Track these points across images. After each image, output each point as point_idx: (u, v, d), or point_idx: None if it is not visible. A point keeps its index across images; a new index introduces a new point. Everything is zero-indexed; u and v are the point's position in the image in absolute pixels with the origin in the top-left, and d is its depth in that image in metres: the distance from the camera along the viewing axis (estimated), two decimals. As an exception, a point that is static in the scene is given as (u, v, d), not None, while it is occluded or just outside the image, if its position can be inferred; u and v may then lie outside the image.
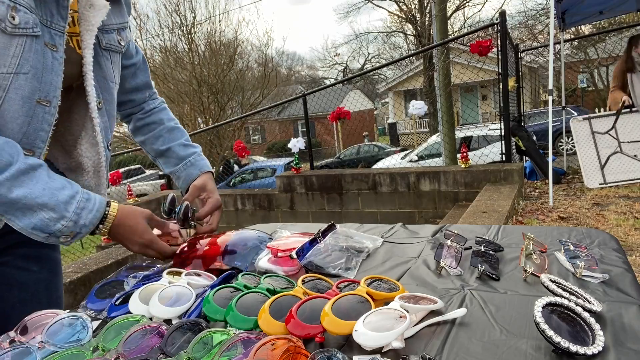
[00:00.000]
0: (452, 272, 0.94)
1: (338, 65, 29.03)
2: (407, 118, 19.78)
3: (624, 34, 12.78)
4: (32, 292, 0.98)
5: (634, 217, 3.60)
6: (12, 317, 0.85)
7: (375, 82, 27.55)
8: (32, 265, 0.98)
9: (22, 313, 0.84)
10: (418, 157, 10.17)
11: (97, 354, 0.69)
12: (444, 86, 7.52)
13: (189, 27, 15.33)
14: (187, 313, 0.82)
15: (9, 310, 0.94)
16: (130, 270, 1.05)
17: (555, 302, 0.67)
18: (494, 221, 3.23)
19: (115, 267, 3.34)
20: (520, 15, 16.77)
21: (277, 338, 0.64)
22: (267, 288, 0.83)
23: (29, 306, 0.92)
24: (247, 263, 1.04)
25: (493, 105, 17.51)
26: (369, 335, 0.65)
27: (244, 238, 1.10)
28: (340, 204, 5.39)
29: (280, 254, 0.99)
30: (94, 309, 0.89)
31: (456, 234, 1.07)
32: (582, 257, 0.89)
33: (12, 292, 0.94)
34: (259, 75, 18.02)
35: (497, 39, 4.62)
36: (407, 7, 19.44)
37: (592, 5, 5.77)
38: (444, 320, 0.73)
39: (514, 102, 5.91)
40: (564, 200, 4.32)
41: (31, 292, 0.97)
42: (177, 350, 0.67)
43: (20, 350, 0.70)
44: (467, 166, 4.74)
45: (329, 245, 1.03)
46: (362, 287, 0.78)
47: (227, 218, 6.17)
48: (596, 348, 0.61)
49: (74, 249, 7.22)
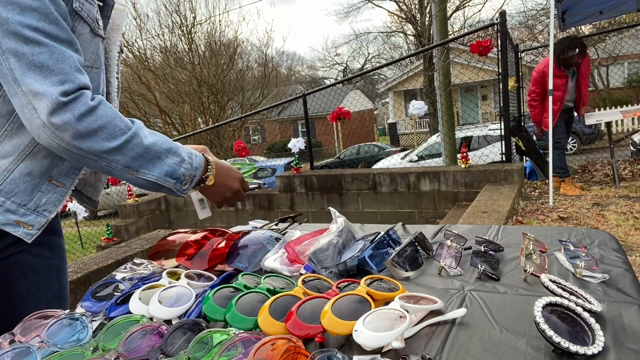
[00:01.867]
0: (452, 272, 0.93)
1: (338, 65, 29.03)
2: (407, 118, 19.79)
3: (624, 34, 12.80)
4: (46, 277, 1.00)
5: (634, 217, 3.60)
6: (28, 302, 0.90)
7: (375, 82, 27.54)
8: (45, 252, 1.01)
9: (37, 298, 0.85)
10: (418, 157, 10.16)
11: (97, 354, 0.69)
12: (444, 86, 7.52)
13: (189, 27, 15.34)
14: (187, 313, 0.82)
15: (25, 294, 0.96)
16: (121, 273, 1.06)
17: (555, 302, 0.67)
18: (494, 221, 3.23)
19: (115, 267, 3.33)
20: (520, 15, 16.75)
21: (277, 338, 0.64)
22: (267, 288, 0.83)
23: (43, 291, 0.97)
24: (253, 264, 1.04)
25: (493, 105, 17.51)
26: (369, 335, 0.65)
27: (250, 239, 1.11)
28: (340, 204, 5.38)
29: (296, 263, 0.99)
30: (90, 310, 0.89)
31: (456, 234, 1.07)
32: (582, 257, 0.89)
33: (28, 277, 0.97)
34: (259, 75, 18.02)
35: (497, 39, 4.62)
36: (407, 7, 19.44)
37: (592, 5, 5.76)
38: (444, 320, 0.73)
39: (514, 102, 5.92)
40: (564, 200, 4.32)
41: (45, 277, 1.00)
42: (177, 350, 0.67)
43: (20, 350, 0.70)
44: (467, 166, 4.74)
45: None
46: (362, 287, 0.78)
47: (227, 218, 6.17)
48: (596, 348, 0.61)
49: (73, 249, 7.22)
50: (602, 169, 5.66)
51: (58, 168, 0.96)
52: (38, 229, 0.93)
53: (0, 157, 0.88)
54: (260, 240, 1.11)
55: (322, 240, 1.00)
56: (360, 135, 20.93)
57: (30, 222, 0.92)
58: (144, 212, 6.35)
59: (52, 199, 0.95)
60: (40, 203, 0.93)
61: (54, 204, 0.96)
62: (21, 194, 0.90)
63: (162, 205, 6.62)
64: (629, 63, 15.81)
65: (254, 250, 1.08)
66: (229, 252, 1.07)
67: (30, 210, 0.92)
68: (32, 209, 0.92)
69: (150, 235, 4.14)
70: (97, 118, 0.84)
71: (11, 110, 0.87)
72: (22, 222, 0.90)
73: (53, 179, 0.95)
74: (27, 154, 0.90)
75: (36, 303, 0.93)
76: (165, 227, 6.32)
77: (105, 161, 0.85)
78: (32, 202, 0.92)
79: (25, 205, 0.91)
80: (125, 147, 0.86)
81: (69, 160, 0.97)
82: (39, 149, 0.91)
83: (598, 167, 5.84)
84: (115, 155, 0.85)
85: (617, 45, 12.93)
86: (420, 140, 14.96)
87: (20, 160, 0.90)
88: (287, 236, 1.12)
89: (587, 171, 5.69)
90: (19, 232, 0.90)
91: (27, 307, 0.91)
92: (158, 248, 1.17)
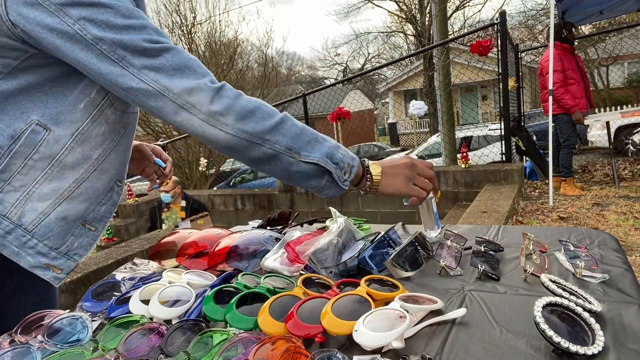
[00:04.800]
0: (452, 272, 0.94)
1: (338, 65, 29.03)
2: (407, 118, 19.77)
3: (624, 34, 12.79)
4: (31, 278, 0.95)
5: (634, 217, 3.60)
6: (12, 303, 0.89)
7: (375, 82, 27.53)
8: None
9: (21, 300, 0.86)
10: (418, 157, 10.16)
11: (97, 354, 0.69)
12: (444, 86, 7.51)
13: (189, 27, 15.33)
14: (187, 313, 0.82)
15: (9, 296, 0.93)
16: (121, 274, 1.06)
17: (555, 302, 0.67)
18: (494, 221, 3.23)
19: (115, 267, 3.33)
20: (520, 15, 16.76)
21: (277, 338, 0.64)
22: (267, 288, 0.83)
23: (28, 292, 0.94)
24: (253, 264, 1.04)
25: (493, 105, 17.51)
26: (369, 335, 0.65)
27: (250, 239, 1.11)
28: (340, 203, 5.38)
29: (296, 262, 0.99)
30: (90, 310, 0.89)
31: (456, 234, 1.07)
32: (582, 257, 0.89)
33: (13, 279, 0.93)
34: (259, 75, 18.01)
35: (497, 39, 4.62)
36: (407, 7, 19.44)
37: (592, 5, 5.77)
38: (444, 320, 0.73)
39: (514, 102, 5.91)
40: (564, 200, 4.32)
41: (30, 279, 0.95)
42: (177, 350, 0.67)
43: (20, 350, 0.70)
44: (467, 166, 4.74)
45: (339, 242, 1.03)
46: (362, 287, 0.78)
47: (227, 218, 6.17)
48: (596, 348, 0.61)
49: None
50: (602, 169, 5.66)
51: (94, 213, 0.95)
52: (67, 273, 0.92)
53: (38, 200, 0.87)
54: (260, 240, 1.11)
55: (322, 240, 1.00)
56: (360, 136, 20.92)
57: (60, 265, 0.91)
58: (144, 212, 6.35)
59: (84, 242, 0.94)
60: (72, 247, 0.92)
61: (84, 248, 0.95)
62: (54, 238, 0.89)
63: (162, 205, 6.60)
64: (629, 63, 15.81)
65: (254, 250, 1.08)
66: (229, 252, 1.07)
67: (61, 254, 0.90)
68: (64, 253, 0.91)
69: (150, 235, 4.13)
70: (248, 101, 0.85)
71: (53, 155, 0.86)
72: (52, 266, 0.89)
73: (87, 224, 0.94)
74: (65, 198, 0.89)
75: (21, 305, 0.91)
76: (165, 227, 6.31)
77: (269, 143, 0.84)
78: (64, 245, 0.91)
79: (57, 248, 0.90)
80: (283, 126, 0.85)
81: (106, 205, 0.97)
82: (78, 194, 0.90)
83: (598, 167, 5.84)
84: (276, 136, 0.84)
85: (617, 45, 12.92)
86: (420, 140, 14.96)
87: (57, 204, 0.88)
88: (287, 236, 1.12)
89: (587, 171, 5.70)
90: (48, 276, 0.89)
91: (11, 309, 0.90)
92: (158, 248, 1.17)
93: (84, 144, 0.89)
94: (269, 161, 0.86)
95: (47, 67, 0.84)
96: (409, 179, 0.94)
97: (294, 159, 0.85)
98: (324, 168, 0.86)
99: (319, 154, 0.86)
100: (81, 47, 0.78)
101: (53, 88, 0.85)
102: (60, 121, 0.86)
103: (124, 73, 0.79)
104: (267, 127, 0.83)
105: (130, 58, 0.79)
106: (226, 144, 0.84)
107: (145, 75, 0.80)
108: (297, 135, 0.86)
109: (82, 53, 0.78)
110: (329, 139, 0.91)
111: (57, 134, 0.86)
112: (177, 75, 0.81)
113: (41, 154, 0.86)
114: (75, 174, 0.89)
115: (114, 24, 0.78)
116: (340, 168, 0.88)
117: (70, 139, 0.87)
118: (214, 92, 0.82)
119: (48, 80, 0.85)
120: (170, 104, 0.81)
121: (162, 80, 0.80)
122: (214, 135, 0.82)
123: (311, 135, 0.87)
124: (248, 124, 0.82)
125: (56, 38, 0.77)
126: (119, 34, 0.78)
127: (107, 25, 0.78)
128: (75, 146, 0.88)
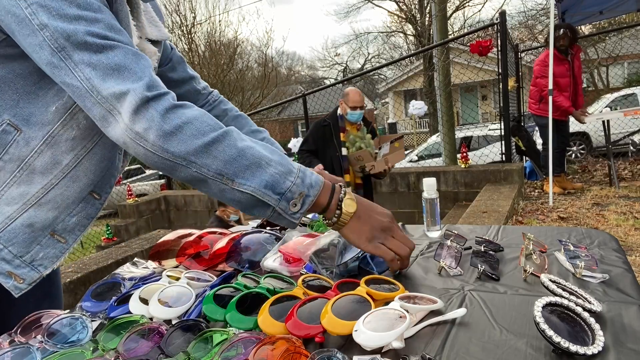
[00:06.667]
0: (452, 272, 0.94)
1: (338, 65, 29.02)
2: (407, 118, 19.76)
3: (623, 34, 12.80)
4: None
5: (634, 217, 3.60)
6: (13, 297, 0.86)
7: (375, 82, 27.52)
8: None
9: (25, 294, 0.85)
10: (418, 157, 10.16)
11: (97, 354, 0.69)
12: (444, 86, 7.52)
13: (189, 27, 15.33)
14: (187, 313, 0.82)
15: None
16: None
17: (555, 302, 0.67)
18: (494, 221, 3.23)
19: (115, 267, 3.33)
20: (520, 15, 16.77)
21: (277, 338, 0.64)
22: (267, 288, 0.83)
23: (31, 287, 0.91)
24: (253, 265, 1.04)
25: (493, 105, 17.51)
26: (369, 335, 0.65)
27: (250, 239, 1.11)
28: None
29: (292, 262, 0.99)
30: (90, 310, 0.89)
31: (456, 234, 1.07)
32: (582, 257, 0.89)
33: None
34: (259, 75, 18.02)
35: (497, 39, 4.63)
36: (407, 7, 19.44)
37: (592, 5, 5.77)
38: (444, 320, 0.73)
39: (514, 102, 5.92)
40: (564, 200, 4.32)
41: None
42: (177, 350, 0.67)
43: (20, 350, 0.70)
44: (467, 166, 4.75)
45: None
46: (362, 287, 0.78)
47: (227, 218, 6.16)
48: (596, 348, 0.61)
49: (73, 249, 7.20)
50: (602, 169, 5.66)
51: (63, 223, 0.91)
52: (29, 284, 0.88)
53: (6, 204, 0.84)
54: (260, 240, 1.11)
55: (323, 240, 1.00)
56: (360, 135, 20.87)
57: (22, 275, 0.87)
58: (144, 212, 6.35)
59: (50, 254, 0.90)
60: (37, 257, 0.88)
61: (50, 260, 0.90)
62: (19, 245, 0.85)
63: (162, 205, 6.62)
64: (628, 63, 15.83)
65: (254, 250, 1.08)
66: (229, 252, 1.07)
67: (25, 263, 0.87)
68: (28, 262, 0.87)
69: (150, 235, 4.14)
70: (183, 114, 0.75)
71: (23, 157, 0.84)
72: (14, 274, 0.85)
73: (56, 234, 0.90)
74: (33, 204, 0.85)
75: (24, 300, 0.89)
76: (165, 227, 6.31)
77: (195, 166, 0.74)
78: (28, 254, 0.87)
79: (22, 257, 0.86)
80: (217, 147, 0.75)
81: (77, 216, 0.92)
82: (46, 200, 0.87)
83: (598, 167, 5.84)
84: (205, 158, 0.74)
85: (617, 45, 12.93)
86: (420, 140, 14.95)
87: (24, 209, 0.85)
88: (286, 236, 1.12)
89: (587, 171, 5.70)
90: (8, 284, 0.86)
91: (13, 303, 0.88)
92: (158, 248, 1.17)
93: (54, 148, 0.86)
94: (199, 184, 0.78)
95: (19, 61, 0.81)
96: (375, 237, 0.85)
97: (226, 186, 0.76)
98: (261, 200, 0.77)
99: (256, 182, 0.76)
100: (28, 33, 0.73)
101: (26, 87, 0.83)
102: (31, 122, 0.83)
103: (60, 65, 0.74)
104: (193, 147, 0.74)
105: (70, 50, 0.73)
106: (147, 161, 0.76)
107: (80, 71, 0.74)
108: (232, 158, 0.75)
109: (29, 39, 0.74)
110: (283, 161, 0.79)
111: (28, 135, 0.83)
112: (113, 76, 0.74)
113: (11, 155, 0.83)
114: (44, 179, 0.86)
115: (64, 13, 0.73)
116: (286, 199, 0.77)
117: (41, 141, 0.84)
118: (142, 100, 0.73)
119: (20, 77, 0.82)
120: (97, 107, 0.75)
121: (94, 79, 0.74)
122: (134, 150, 0.75)
123: (252, 159, 0.76)
124: (171, 142, 0.73)
125: (12, 21, 0.73)
126: (66, 23, 0.73)
127: (57, 12, 0.73)
128: (45, 149, 0.85)
